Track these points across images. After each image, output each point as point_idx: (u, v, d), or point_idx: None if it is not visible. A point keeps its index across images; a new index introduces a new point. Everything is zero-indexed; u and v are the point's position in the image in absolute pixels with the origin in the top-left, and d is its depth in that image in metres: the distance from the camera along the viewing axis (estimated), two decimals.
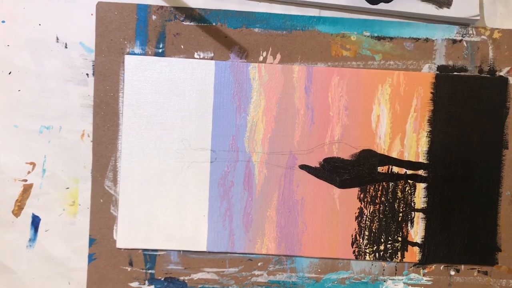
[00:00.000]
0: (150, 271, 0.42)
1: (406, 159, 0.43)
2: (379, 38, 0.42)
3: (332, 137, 0.42)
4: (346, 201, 0.42)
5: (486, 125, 0.43)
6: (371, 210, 0.43)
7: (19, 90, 0.42)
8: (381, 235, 0.43)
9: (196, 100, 0.42)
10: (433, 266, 0.43)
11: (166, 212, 0.42)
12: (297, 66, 0.42)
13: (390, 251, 0.43)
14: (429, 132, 0.42)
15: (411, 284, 0.43)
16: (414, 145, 0.43)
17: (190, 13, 0.42)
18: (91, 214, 0.42)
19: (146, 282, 0.42)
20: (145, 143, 0.42)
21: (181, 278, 0.42)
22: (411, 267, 0.43)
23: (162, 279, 0.42)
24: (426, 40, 0.43)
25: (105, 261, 0.42)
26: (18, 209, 0.42)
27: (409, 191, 0.43)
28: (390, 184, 0.43)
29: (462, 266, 0.43)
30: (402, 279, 0.43)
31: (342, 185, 0.42)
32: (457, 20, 0.42)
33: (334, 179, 0.42)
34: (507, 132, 0.43)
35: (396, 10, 0.42)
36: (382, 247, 0.43)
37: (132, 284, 0.42)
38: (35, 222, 0.42)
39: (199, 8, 0.42)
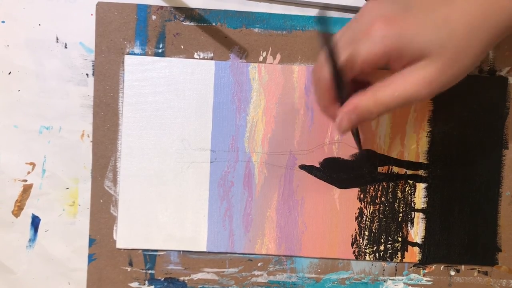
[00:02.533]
0: (150, 271, 0.42)
1: (406, 159, 0.43)
2: None
3: (332, 137, 0.42)
4: (346, 201, 0.42)
5: (486, 125, 0.43)
6: (371, 210, 0.42)
7: (19, 90, 0.42)
8: (381, 235, 0.43)
9: (196, 100, 0.42)
10: (433, 266, 0.43)
11: (166, 212, 0.42)
12: (297, 66, 0.42)
13: (390, 251, 0.43)
14: (429, 132, 0.42)
15: (411, 284, 0.43)
16: (414, 145, 0.43)
17: (190, 13, 0.42)
18: (91, 214, 0.42)
19: (146, 282, 0.42)
20: (145, 143, 0.42)
21: (181, 278, 0.42)
22: (411, 267, 0.43)
23: (162, 279, 0.42)
24: None
25: (105, 261, 0.42)
26: (18, 209, 0.42)
27: (409, 191, 0.43)
28: (390, 184, 0.43)
29: (462, 266, 0.43)
30: (402, 279, 0.43)
31: (342, 185, 0.42)
32: None
33: (334, 179, 0.42)
34: (507, 132, 0.43)
35: None
36: (382, 247, 0.43)
37: (132, 284, 0.42)
38: (35, 222, 0.42)
39: (199, 8, 0.42)
